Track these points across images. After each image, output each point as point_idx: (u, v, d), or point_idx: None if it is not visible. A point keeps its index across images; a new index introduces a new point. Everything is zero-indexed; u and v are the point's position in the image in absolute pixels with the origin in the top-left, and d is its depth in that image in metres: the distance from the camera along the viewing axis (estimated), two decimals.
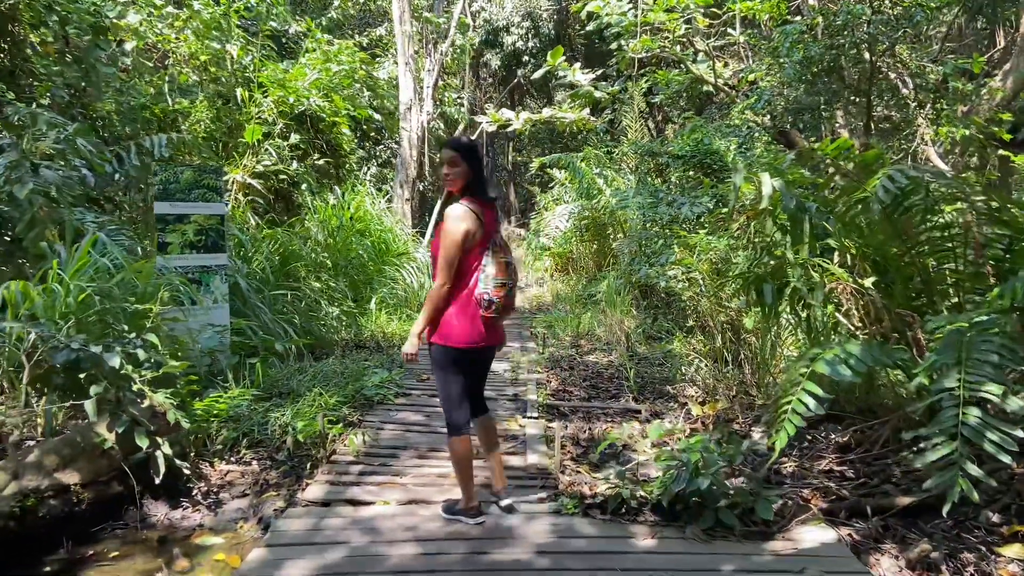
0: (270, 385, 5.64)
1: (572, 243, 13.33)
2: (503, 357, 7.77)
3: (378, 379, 5.89)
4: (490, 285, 3.38)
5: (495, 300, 3.38)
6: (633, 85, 11.87)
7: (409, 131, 12.63)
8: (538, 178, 22.35)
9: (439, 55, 13.40)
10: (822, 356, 3.78)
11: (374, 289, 9.55)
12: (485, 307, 3.39)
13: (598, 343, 8.66)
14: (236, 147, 7.91)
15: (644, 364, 7.55)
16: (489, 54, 19.43)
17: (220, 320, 5.86)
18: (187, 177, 5.75)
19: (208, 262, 5.88)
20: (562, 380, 6.93)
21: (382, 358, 7.41)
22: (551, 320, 9.85)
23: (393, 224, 11.00)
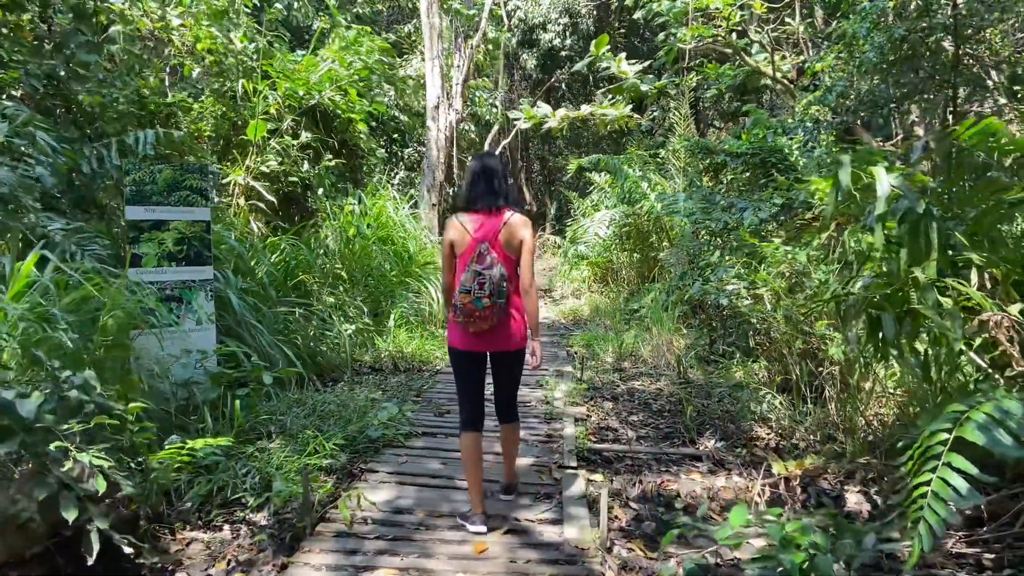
0: (258, 424, 4.75)
1: (612, 252, 12.30)
2: (535, 382, 6.80)
3: (386, 416, 4.95)
4: (459, 290, 3.54)
5: (458, 304, 3.54)
6: (682, 79, 10.82)
7: (436, 131, 11.75)
8: (575, 182, 21.37)
9: (469, 49, 12.51)
10: (970, 417, 2.74)
11: (395, 303, 8.66)
12: (453, 311, 3.61)
13: (643, 366, 7.63)
14: (238, 145, 7.10)
15: (699, 394, 6.51)
16: (525, 54, 18.51)
17: (204, 345, 5.00)
18: (166, 176, 4.90)
19: (190, 276, 5.02)
20: (604, 414, 5.92)
21: (396, 385, 6.49)
22: (590, 338, 8.84)
23: (418, 231, 10.11)
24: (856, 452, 4.49)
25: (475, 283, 3.49)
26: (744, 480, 4.47)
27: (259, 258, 6.13)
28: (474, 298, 3.49)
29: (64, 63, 5.84)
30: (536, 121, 13.08)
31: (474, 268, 3.52)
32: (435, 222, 11.46)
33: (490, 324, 3.58)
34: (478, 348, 3.72)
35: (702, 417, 5.65)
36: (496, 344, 3.70)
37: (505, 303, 3.57)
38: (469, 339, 3.68)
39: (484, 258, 3.54)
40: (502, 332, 3.67)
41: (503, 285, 3.52)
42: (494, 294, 3.49)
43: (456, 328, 3.70)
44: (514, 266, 3.67)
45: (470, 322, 3.56)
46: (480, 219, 3.62)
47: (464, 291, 3.50)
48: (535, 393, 6.32)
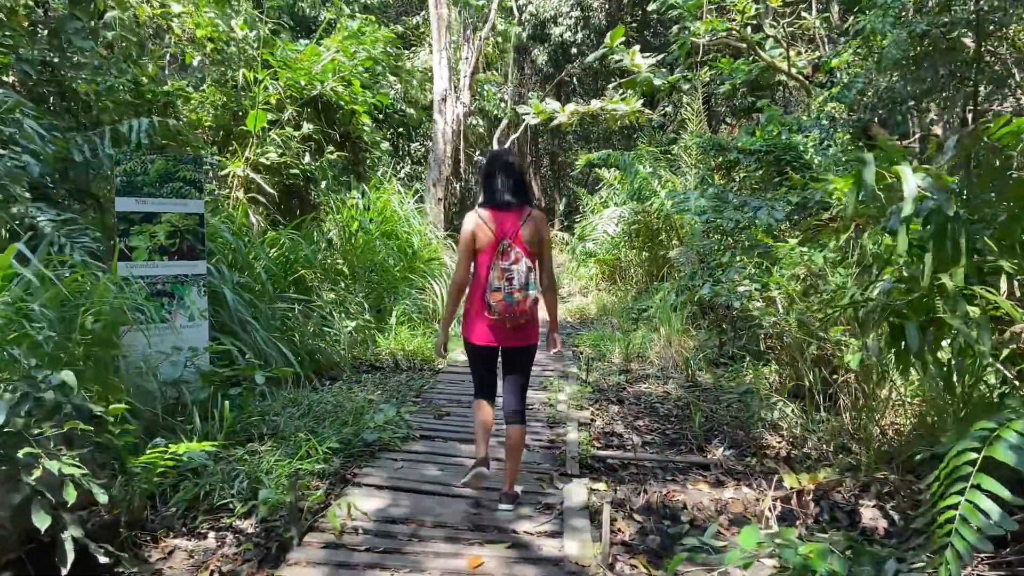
0: (250, 424, 4.59)
1: (620, 249, 12.09)
2: (539, 383, 6.62)
3: (383, 418, 4.78)
4: (489, 290, 3.61)
5: (491, 303, 3.61)
6: (695, 74, 10.58)
7: (443, 125, 11.55)
8: (584, 178, 21.14)
9: (478, 41, 12.29)
10: (1001, 435, 2.55)
11: (398, 299, 8.49)
12: (487, 309, 3.66)
13: (651, 368, 7.44)
14: (238, 136, 6.93)
15: (708, 398, 6.32)
16: (535, 49, 18.26)
17: (196, 342, 4.84)
18: (158, 167, 4.74)
19: (183, 270, 4.86)
20: (609, 418, 5.74)
21: (396, 384, 6.32)
22: (596, 338, 8.65)
23: (423, 226, 9.93)
24: (871, 464, 4.29)
25: (504, 280, 3.59)
26: (754, 491, 4.29)
27: (257, 253, 5.97)
28: (505, 294, 3.58)
29: (59, 49, 5.69)
30: (545, 116, 12.86)
31: (500, 265, 3.61)
32: (440, 217, 11.28)
33: (526, 318, 3.69)
34: (507, 343, 3.80)
35: (710, 423, 5.45)
36: (524, 338, 3.79)
37: (535, 296, 3.66)
38: (493, 334, 3.75)
39: (508, 254, 3.61)
40: (529, 326, 3.79)
41: (531, 278, 3.62)
42: (524, 287, 3.59)
43: (484, 324, 3.74)
44: (535, 260, 3.73)
45: (506, 318, 3.64)
46: (501, 215, 3.70)
47: (495, 289, 3.60)
48: (539, 395, 6.14)
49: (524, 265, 3.61)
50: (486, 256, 3.67)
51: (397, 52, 7.77)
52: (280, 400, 5.17)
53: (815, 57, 10.95)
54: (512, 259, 3.61)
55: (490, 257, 3.65)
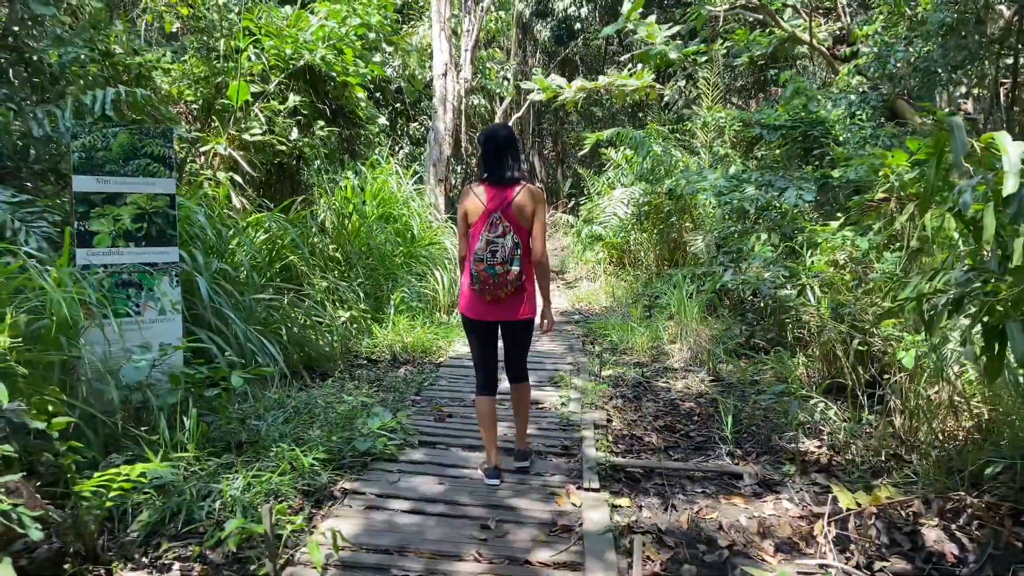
0: (228, 432, 4.08)
1: (628, 232, 11.52)
2: (548, 379, 6.11)
3: (376, 424, 4.27)
4: (473, 259, 3.67)
5: (473, 273, 3.67)
6: (711, 47, 9.97)
7: (444, 102, 10.95)
8: (588, 159, 20.52)
9: (480, 12, 11.65)
10: None
11: (396, 285, 7.96)
12: (470, 279, 3.73)
13: (668, 360, 6.92)
14: (218, 111, 6.36)
15: (733, 394, 5.81)
16: (538, 24, 17.56)
17: (168, 337, 4.32)
18: (121, 141, 4.19)
19: (152, 258, 4.33)
20: (627, 418, 5.22)
21: (393, 381, 5.80)
22: (608, 328, 8.13)
23: (422, 209, 9.38)
24: (930, 476, 3.78)
25: (488, 251, 3.63)
26: (796, 507, 3.78)
27: (239, 238, 5.43)
28: (487, 266, 3.63)
29: (17, 16, 5.12)
30: (550, 93, 12.27)
31: (487, 237, 3.64)
32: (441, 199, 10.72)
33: (505, 292, 3.70)
34: (490, 317, 3.82)
35: (739, 425, 4.94)
36: (508, 313, 3.81)
37: (520, 271, 3.67)
38: (482, 307, 3.80)
39: (496, 227, 3.65)
40: (515, 301, 3.79)
41: (516, 253, 3.65)
42: (507, 262, 3.62)
43: (470, 296, 3.81)
44: (527, 236, 3.75)
45: (486, 289, 3.69)
46: (494, 190, 3.73)
47: (478, 259, 3.64)
48: (550, 396, 5.62)
49: (511, 240, 3.64)
50: (477, 228, 3.73)
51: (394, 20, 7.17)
52: (264, 402, 4.66)
53: (836, 28, 10.33)
54: (499, 232, 3.65)
55: (479, 229, 3.70)
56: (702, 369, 6.61)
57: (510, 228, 3.66)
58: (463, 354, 7.07)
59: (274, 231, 5.96)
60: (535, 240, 3.76)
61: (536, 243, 3.76)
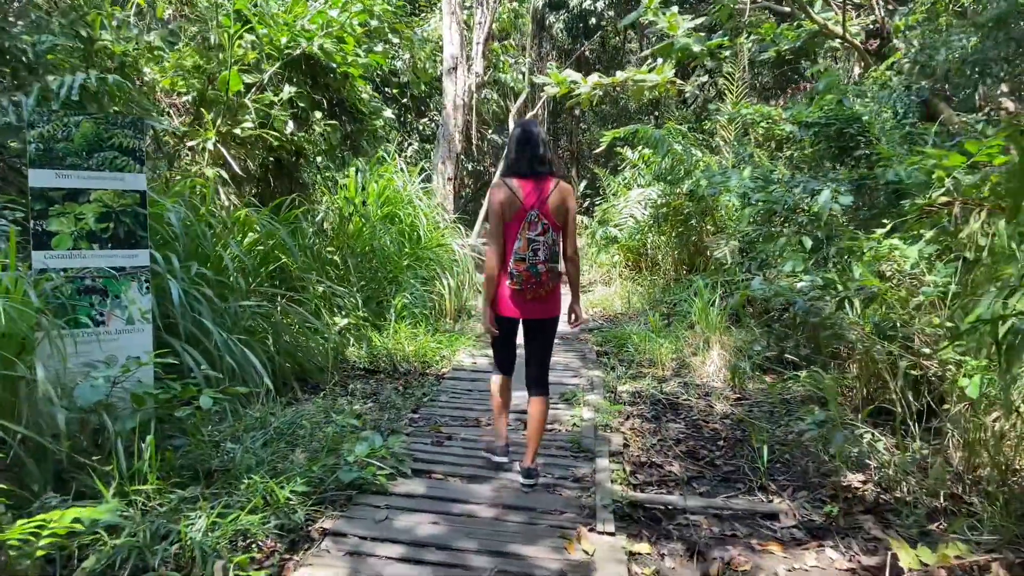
0: (198, 459, 3.63)
1: (645, 235, 11.00)
2: (560, 396, 5.62)
3: (365, 450, 3.80)
4: (513, 259, 3.61)
5: (515, 273, 3.63)
6: (736, 41, 9.45)
7: (454, 96, 10.48)
8: (603, 159, 20.01)
9: (492, 2, 11.17)
10: None
11: (400, 289, 7.50)
12: (509, 279, 3.67)
13: (689, 374, 6.41)
14: (208, 103, 5.92)
15: (761, 414, 5.32)
16: (551, 16, 17.03)
17: (136, 350, 3.89)
18: (84, 131, 3.75)
19: (119, 262, 3.89)
20: (645, 442, 4.73)
21: (390, 395, 5.34)
22: (624, 337, 7.63)
23: (430, 209, 8.92)
24: (996, 521, 3.27)
25: (530, 250, 3.59)
26: (843, 558, 3.28)
27: (225, 240, 4.99)
28: (529, 264, 3.60)
29: None
30: (565, 88, 11.76)
31: (527, 235, 3.59)
32: (450, 198, 10.25)
33: (546, 290, 3.71)
34: (530, 315, 3.80)
35: (770, 453, 4.44)
36: (545, 311, 3.81)
37: (558, 269, 3.68)
38: (521, 306, 3.77)
39: (536, 225, 3.60)
40: (552, 298, 3.81)
41: (555, 249, 3.66)
42: (548, 259, 3.62)
43: (510, 295, 3.76)
44: (560, 232, 3.72)
45: (527, 288, 3.66)
46: (528, 186, 3.67)
47: (519, 259, 3.60)
48: (562, 415, 5.14)
49: (550, 237, 3.62)
50: (513, 226, 3.65)
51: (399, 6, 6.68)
52: (244, 421, 4.21)
53: (869, 22, 9.77)
54: (539, 230, 3.60)
55: (517, 226, 3.63)
56: (725, 385, 6.10)
57: (548, 225, 3.63)
58: (467, 365, 6.60)
59: (266, 232, 5.51)
60: (568, 237, 3.75)
61: (569, 240, 3.75)
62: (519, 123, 3.87)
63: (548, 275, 3.64)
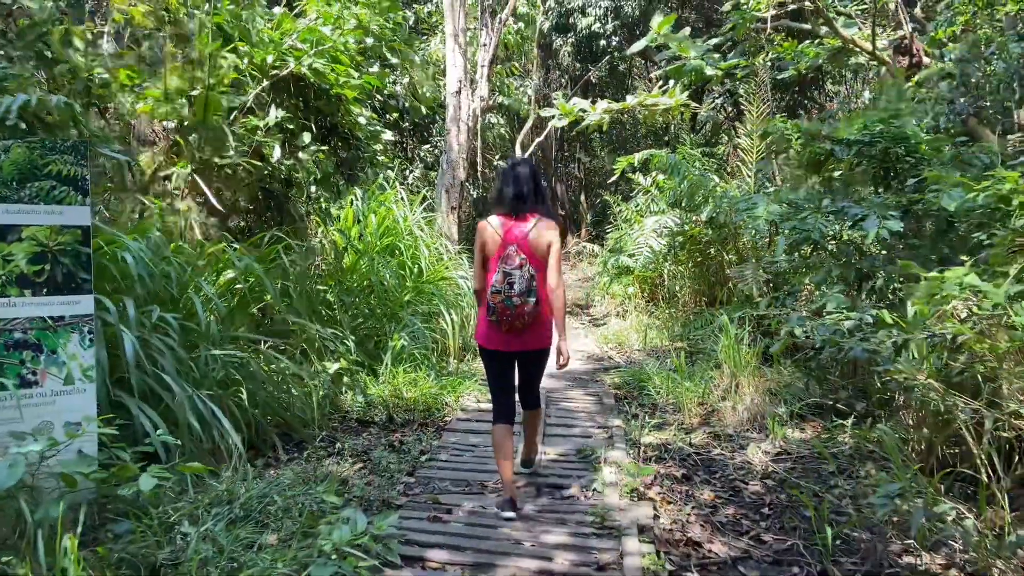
0: (143, 551, 2.99)
1: (660, 264, 10.37)
2: (575, 453, 4.97)
3: (345, 535, 3.15)
4: (490, 291, 3.73)
5: (491, 304, 3.74)
6: (751, 60, 8.92)
7: (457, 121, 9.97)
8: (614, 185, 19.49)
9: (498, 24, 10.71)
10: None
11: (399, 327, 6.88)
12: (487, 311, 3.79)
13: (720, 423, 5.74)
14: (185, 129, 5.37)
15: (807, 473, 4.65)
16: (559, 39, 16.58)
17: (77, 414, 3.28)
18: (16, 157, 3.18)
19: (56, 310, 3.30)
20: (679, 511, 4.06)
21: (383, 454, 4.68)
22: (643, 378, 6.97)
23: (432, 239, 8.35)
24: None
25: (505, 283, 3.68)
26: None
27: (195, 280, 4.40)
28: (504, 297, 3.68)
29: None
30: (573, 118, 11.26)
31: (503, 269, 3.71)
32: (454, 228, 9.67)
33: (523, 323, 3.75)
34: (507, 348, 3.88)
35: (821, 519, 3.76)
36: (525, 343, 3.87)
37: (536, 301, 3.72)
38: (499, 338, 3.85)
39: (513, 259, 3.72)
40: (533, 332, 3.85)
41: (532, 285, 3.71)
42: (524, 293, 3.68)
43: (487, 327, 3.87)
44: (543, 268, 3.81)
45: (503, 320, 3.74)
46: (509, 222, 3.84)
47: (495, 291, 3.70)
48: (580, 473, 4.47)
49: (527, 272, 3.71)
50: (494, 260, 3.80)
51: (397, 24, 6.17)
52: (207, 494, 3.58)
53: (898, 37, 9.23)
54: (516, 264, 3.71)
55: (496, 261, 3.77)
56: (763, 436, 5.43)
57: (526, 260, 3.72)
58: (472, 412, 5.96)
59: (245, 270, 4.92)
60: (551, 272, 3.80)
61: (552, 275, 3.80)
62: (509, 162, 4.06)
63: (523, 307, 3.68)
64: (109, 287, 3.97)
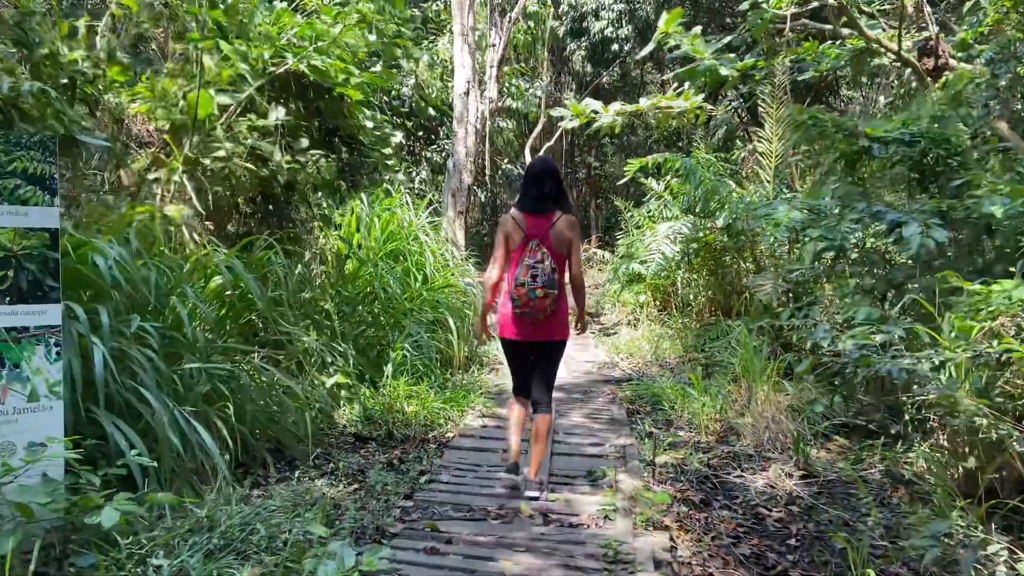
0: None
1: (673, 272, 10.03)
2: (586, 473, 4.65)
3: (331, 573, 2.85)
4: (514, 283, 3.97)
5: (514, 297, 3.97)
6: (770, 62, 8.60)
7: (465, 123, 9.70)
8: (625, 190, 19.18)
9: (507, 24, 10.43)
10: None
11: (402, 337, 6.59)
12: (511, 302, 4.01)
13: (739, 441, 5.41)
14: (177, 129, 5.10)
15: (835, 499, 4.33)
16: (572, 44, 16.29)
17: (42, 434, 3.00)
18: None
19: (20, 320, 3.02)
20: (697, 543, 3.74)
21: (380, 472, 4.38)
22: (656, 392, 6.64)
23: (437, 245, 8.07)
24: None
25: (528, 276, 3.90)
26: None
27: (180, 287, 4.13)
28: (528, 289, 3.89)
29: None
30: (584, 119, 10.96)
31: (527, 262, 3.93)
32: (460, 235, 9.37)
33: (544, 315, 3.97)
34: (528, 338, 4.09)
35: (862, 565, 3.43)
36: (547, 334, 4.09)
37: (557, 294, 3.96)
38: (521, 329, 4.07)
39: (535, 253, 3.95)
40: (553, 323, 4.06)
41: (554, 277, 3.94)
42: (546, 285, 3.90)
43: (509, 318, 4.07)
44: (564, 262, 4.06)
45: (527, 312, 3.94)
46: (532, 218, 4.06)
47: (519, 284, 3.92)
48: (589, 506, 4.14)
49: (549, 265, 3.93)
50: (516, 254, 4.02)
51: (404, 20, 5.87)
52: (187, 521, 3.29)
53: (923, 38, 8.87)
54: (538, 258, 3.93)
55: (519, 255, 3.99)
56: (785, 456, 5.09)
57: (548, 255, 3.96)
58: (476, 429, 5.65)
59: (235, 277, 4.64)
60: (572, 265, 4.10)
61: (573, 268, 4.11)
62: (534, 160, 4.33)
63: (545, 299, 3.91)
64: (86, 295, 3.70)
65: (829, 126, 5.23)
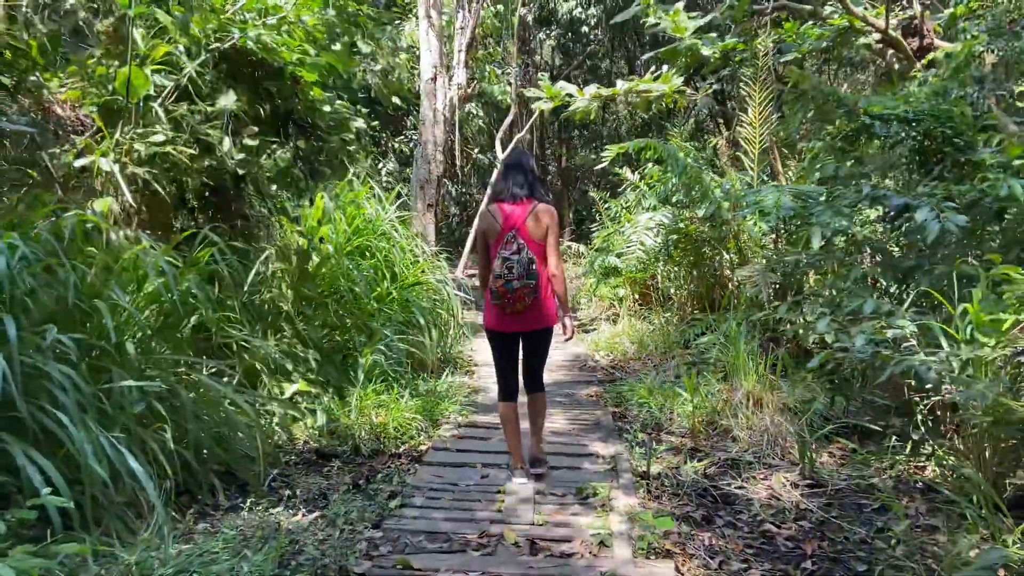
0: None
1: (653, 265, 9.62)
2: (576, 490, 4.21)
3: None
4: (492, 276, 3.98)
5: (493, 289, 3.98)
6: (752, 42, 8.22)
7: (433, 112, 9.16)
8: (599, 181, 18.81)
9: (475, 5, 9.90)
10: None
11: (371, 340, 6.09)
12: (491, 295, 4.03)
13: (734, 446, 5.01)
14: (109, 112, 4.53)
15: (845, 510, 3.97)
16: (541, 33, 15.79)
17: None
18: None
19: None
20: (705, 571, 3.32)
21: (344, 495, 3.88)
22: (643, 393, 6.24)
23: (406, 240, 7.56)
24: None
25: (504, 268, 3.91)
26: None
27: (105, 291, 3.58)
28: (505, 281, 3.91)
29: None
30: (559, 101, 10.49)
31: (503, 255, 3.93)
32: (430, 229, 8.85)
33: (524, 305, 3.99)
34: (512, 328, 4.14)
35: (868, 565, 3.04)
36: (529, 324, 4.11)
37: (535, 284, 3.96)
38: (504, 320, 4.10)
39: (511, 244, 3.95)
40: (535, 312, 4.08)
41: (532, 268, 3.94)
42: (523, 276, 3.91)
43: (492, 310, 4.12)
44: (543, 251, 4.05)
45: (506, 304, 3.97)
46: (508, 209, 4.07)
47: (496, 276, 3.94)
48: (581, 530, 3.69)
49: (526, 256, 3.92)
50: (494, 247, 4.03)
51: None
52: (113, 569, 2.78)
53: (907, 17, 8.58)
54: (514, 249, 3.93)
55: (497, 247, 4.00)
56: (786, 462, 4.72)
57: (524, 245, 3.94)
58: (448, 442, 5.15)
59: (180, 278, 4.10)
60: (550, 255, 4.04)
61: (551, 257, 4.05)
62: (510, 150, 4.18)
63: (523, 291, 3.91)
64: None
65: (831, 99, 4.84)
